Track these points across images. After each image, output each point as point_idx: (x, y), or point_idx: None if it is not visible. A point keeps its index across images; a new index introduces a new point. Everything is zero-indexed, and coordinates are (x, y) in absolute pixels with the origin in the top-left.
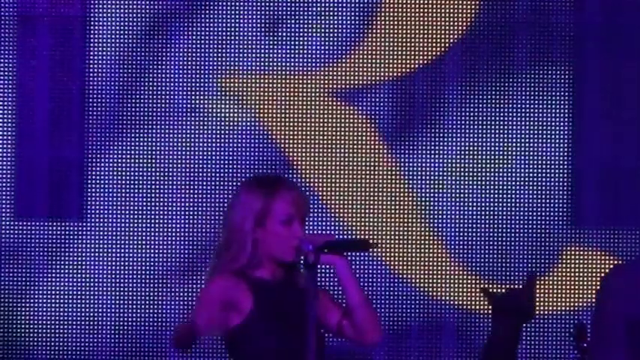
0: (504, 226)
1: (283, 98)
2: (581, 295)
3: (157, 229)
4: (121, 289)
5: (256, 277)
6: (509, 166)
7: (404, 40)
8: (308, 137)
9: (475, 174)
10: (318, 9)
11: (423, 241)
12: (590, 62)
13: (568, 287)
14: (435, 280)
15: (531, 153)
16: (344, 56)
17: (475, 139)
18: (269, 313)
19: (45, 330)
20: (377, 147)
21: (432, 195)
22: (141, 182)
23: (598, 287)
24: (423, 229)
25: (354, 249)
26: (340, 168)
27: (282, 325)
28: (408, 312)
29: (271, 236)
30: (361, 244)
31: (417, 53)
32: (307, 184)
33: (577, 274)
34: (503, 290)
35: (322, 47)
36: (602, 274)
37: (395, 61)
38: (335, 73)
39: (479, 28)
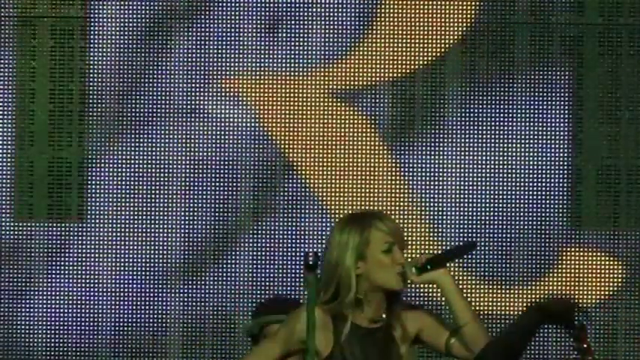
0: (504, 226)
1: (283, 98)
2: (581, 295)
3: (157, 229)
4: (121, 289)
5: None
6: (509, 166)
7: (404, 40)
8: (308, 137)
9: (475, 174)
10: (318, 10)
11: (423, 241)
12: (590, 62)
13: (568, 287)
14: None
15: (531, 153)
16: (344, 57)
17: (475, 139)
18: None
19: (45, 330)
20: (377, 147)
21: (432, 195)
22: (141, 182)
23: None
24: (423, 229)
25: (457, 256)
26: (340, 168)
27: None
28: None
29: (374, 266)
30: (464, 249)
31: (417, 53)
32: (307, 184)
33: (577, 275)
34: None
35: (322, 48)
36: (602, 275)
37: (395, 62)
38: (335, 73)
39: (479, 28)
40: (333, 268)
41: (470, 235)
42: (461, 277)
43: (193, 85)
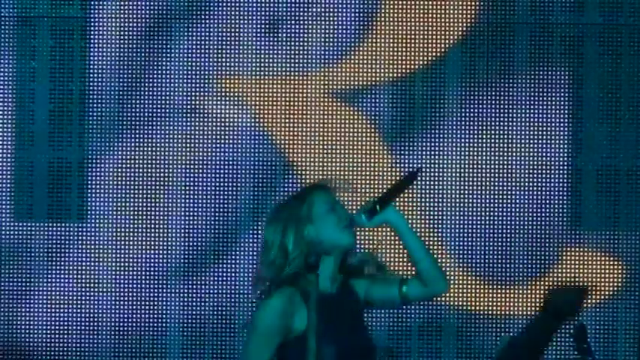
0: (504, 226)
1: (283, 99)
2: None
3: (157, 229)
4: (121, 289)
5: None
6: (510, 166)
7: (404, 40)
8: (308, 138)
9: (475, 174)
10: (318, 10)
11: (422, 241)
12: (590, 62)
13: None
14: None
15: (531, 153)
16: (344, 57)
17: (475, 139)
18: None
19: (45, 330)
20: (377, 147)
21: (432, 195)
22: (141, 182)
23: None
24: (423, 229)
25: (402, 188)
26: (340, 168)
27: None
28: (408, 312)
29: (322, 228)
30: (407, 180)
31: (417, 54)
32: (307, 184)
33: (577, 275)
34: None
35: (322, 48)
36: (602, 275)
37: (395, 62)
38: (335, 74)
39: (479, 28)
40: (279, 244)
41: (470, 235)
42: (461, 277)
43: (193, 85)
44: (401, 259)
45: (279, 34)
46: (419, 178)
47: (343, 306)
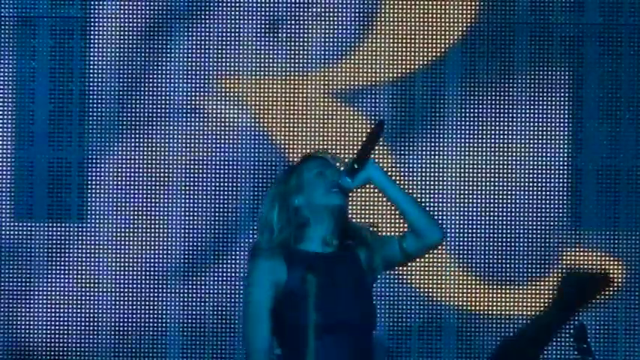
0: (504, 226)
1: (283, 99)
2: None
3: (157, 229)
4: (121, 289)
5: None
6: (510, 166)
7: (404, 40)
8: (308, 137)
9: (475, 174)
10: (318, 10)
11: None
12: (590, 62)
13: None
14: (435, 281)
15: (531, 153)
16: (344, 57)
17: (475, 139)
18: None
19: (45, 330)
20: (377, 147)
21: (432, 195)
22: (141, 182)
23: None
24: None
25: (374, 140)
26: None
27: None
28: (408, 312)
29: (312, 192)
30: (375, 134)
31: (417, 54)
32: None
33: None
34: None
35: (322, 48)
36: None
37: (395, 62)
38: (335, 74)
39: (479, 28)
40: (266, 217)
41: (470, 235)
42: (461, 277)
43: (193, 85)
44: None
45: (279, 34)
46: (382, 128)
47: (337, 267)
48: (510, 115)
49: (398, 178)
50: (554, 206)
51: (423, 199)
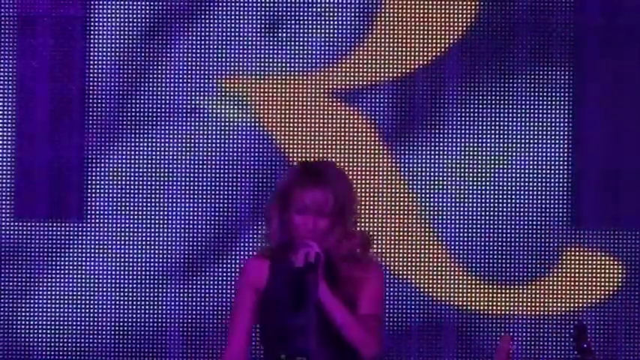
0: (504, 226)
1: (283, 99)
2: (581, 296)
3: (157, 229)
4: (121, 289)
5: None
6: (509, 166)
7: (404, 40)
8: (308, 137)
9: (475, 174)
10: (318, 10)
11: (423, 241)
12: (590, 62)
13: (568, 288)
14: (435, 280)
15: (531, 153)
16: (344, 57)
17: (475, 139)
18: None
19: (45, 330)
20: (377, 147)
21: (432, 195)
22: (141, 182)
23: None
24: (423, 229)
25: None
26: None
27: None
28: (408, 312)
29: (291, 219)
30: (309, 279)
31: (417, 53)
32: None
33: (577, 275)
34: None
35: (322, 48)
36: (602, 275)
37: (395, 62)
38: (335, 73)
39: (479, 28)
40: (267, 215)
41: (470, 235)
42: (461, 277)
43: (193, 85)
44: (402, 259)
45: (279, 34)
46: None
47: (304, 283)
48: (510, 115)
49: (398, 178)
50: (554, 206)
51: (423, 199)
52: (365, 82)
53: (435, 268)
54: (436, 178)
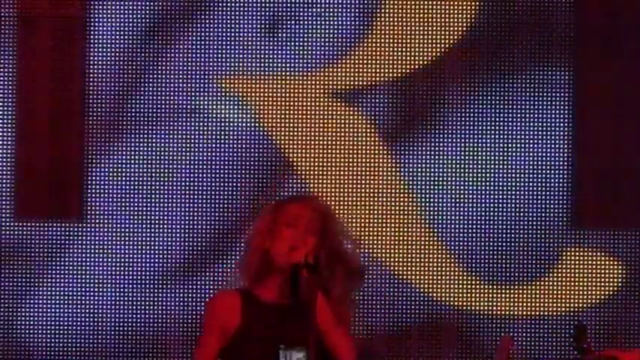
0: (504, 226)
1: (283, 99)
2: (581, 296)
3: (157, 229)
4: (121, 289)
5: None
6: (509, 166)
7: (404, 40)
8: (308, 138)
9: (475, 174)
10: (318, 10)
11: (423, 241)
12: (590, 62)
13: (568, 288)
14: (435, 280)
15: (531, 153)
16: (344, 57)
17: (475, 139)
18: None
19: (45, 330)
20: (377, 147)
21: (432, 195)
22: (141, 182)
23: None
24: (423, 229)
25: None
26: (340, 168)
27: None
28: (408, 312)
29: (276, 238)
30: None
31: (417, 53)
32: (307, 184)
33: (577, 275)
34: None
35: (322, 48)
36: (602, 275)
37: (395, 62)
38: (335, 73)
39: (479, 28)
40: (246, 248)
41: (470, 235)
42: (461, 277)
43: (193, 85)
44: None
45: (279, 34)
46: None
47: (277, 322)
48: (510, 114)
49: (398, 178)
50: (554, 206)
51: (423, 199)
52: (365, 82)
53: (435, 268)
54: (436, 178)
